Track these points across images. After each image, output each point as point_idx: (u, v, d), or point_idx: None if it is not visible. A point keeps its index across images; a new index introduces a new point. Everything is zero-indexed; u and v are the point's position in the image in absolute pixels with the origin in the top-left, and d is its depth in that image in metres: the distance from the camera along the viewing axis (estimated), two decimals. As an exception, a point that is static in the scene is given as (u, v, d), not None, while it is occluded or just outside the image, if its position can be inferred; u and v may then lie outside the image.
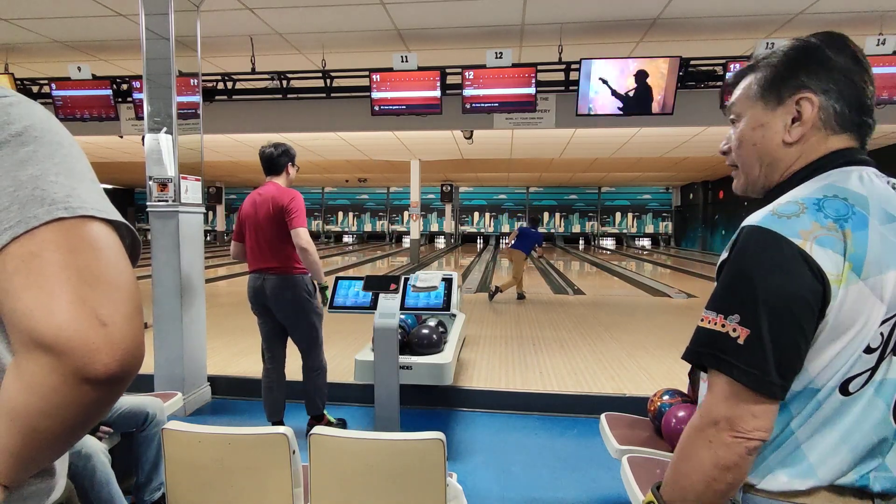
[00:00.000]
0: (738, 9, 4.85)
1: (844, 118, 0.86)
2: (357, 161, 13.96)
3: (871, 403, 0.78)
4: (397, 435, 1.56)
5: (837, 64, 0.84)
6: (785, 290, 0.74)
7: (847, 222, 0.76)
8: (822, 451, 0.79)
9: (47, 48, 5.93)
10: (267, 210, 3.03)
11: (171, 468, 1.61)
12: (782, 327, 0.75)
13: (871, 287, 0.75)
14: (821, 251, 0.74)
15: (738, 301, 0.77)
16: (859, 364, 0.77)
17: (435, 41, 5.71)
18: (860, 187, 0.80)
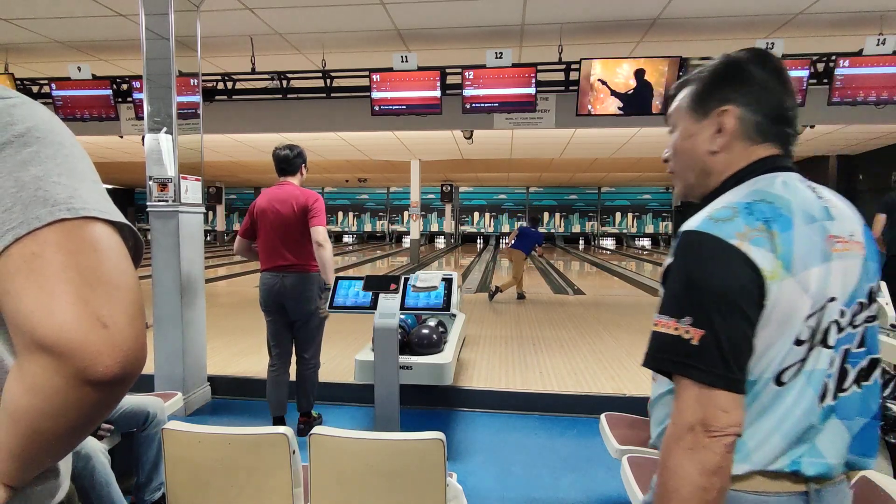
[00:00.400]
0: (737, 9, 4.85)
1: (764, 129, 0.91)
2: (357, 161, 13.96)
3: (801, 392, 0.82)
4: (397, 435, 1.56)
5: (758, 79, 0.91)
6: (730, 286, 0.78)
7: (774, 224, 0.81)
8: (759, 438, 0.82)
9: (47, 48, 5.93)
10: (291, 209, 3.12)
11: (171, 468, 1.61)
12: (732, 322, 0.78)
13: (798, 282, 0.80)
14: (755, 250, 0.79)
15: (687, 303, 0.80)
16: (791, 356, 0.81)
17: (435, 41, 5.71)
18: (784, 192, 0.86)
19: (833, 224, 0.85)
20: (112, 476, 1.98)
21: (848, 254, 0.85)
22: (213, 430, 1.61)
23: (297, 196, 3.16)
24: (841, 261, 0.84)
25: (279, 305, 3.19)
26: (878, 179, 11.09)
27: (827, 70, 5.26)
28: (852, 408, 0.87)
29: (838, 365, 0.85)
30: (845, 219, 0.88)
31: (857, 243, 0.87)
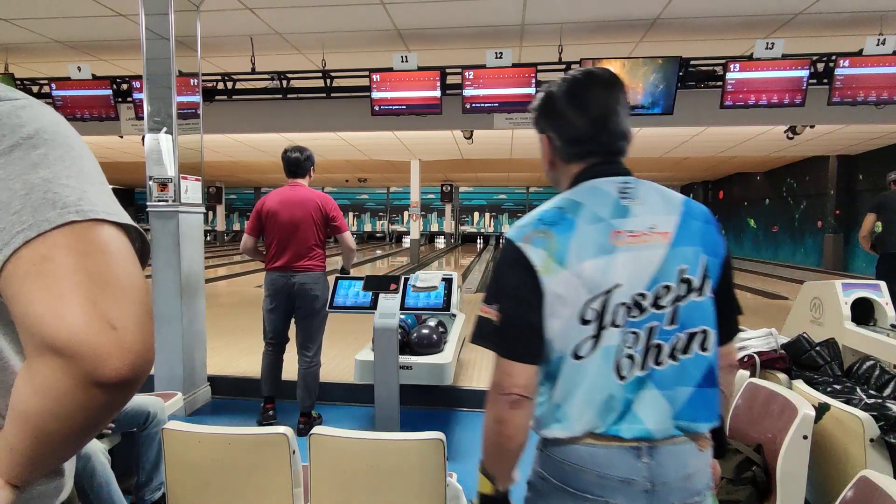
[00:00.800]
0: (738, 9, 4.85)
1: (569, 153, 1.09)
2: (357, 161, 13.96)
3: (598, 366, 0.98)
4: (397, 435, 1.56)
5: (561, 111, 1.07)
6: (514, 280, 1.00)
7: (554, 227, 0.99)
8: (576, 407, 0.98)
9: (47, 48, 5.93)
10: (307, 213, 3.25)
11: (171, 468, 1.61)
12: (517, 308, 0.99)
13: (572, 273, 0.97)
14: (533, 250, 0.98)
15: (492, 293, 1.03)
16: (581, 333, 0.97)
17: (435, 41, 5.71)
18: (582, 197, 1.03)
19: (625, 221, 0.99)
20: (112, 476, 1.98)
21: (643, 245, 0.99)
22: (213, 430, 1.61)
23: (313, 200, 3.30)
24: (630, 252, 0.98)
25: (287, 305, 3.32)
26: (878, 179, 11.09)
27: (827, 70, 5.26)
28: (670, 379, 0.99)
29: (645, 343, 0.98)
30: (647, 215, 1.01)
31: (658, 234, 1.00)
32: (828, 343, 2.64)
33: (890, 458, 1.94)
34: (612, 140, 1.07)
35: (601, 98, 1.06)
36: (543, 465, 1.05)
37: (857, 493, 1.29)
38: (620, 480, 0.97)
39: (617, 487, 0.97)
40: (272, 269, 3.29)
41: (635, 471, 0.97)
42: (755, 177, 16.53)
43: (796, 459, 1.80)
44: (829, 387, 2.34)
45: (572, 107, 1.06)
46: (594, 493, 0.98)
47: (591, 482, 0.98)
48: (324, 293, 3.30)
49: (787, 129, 7.41)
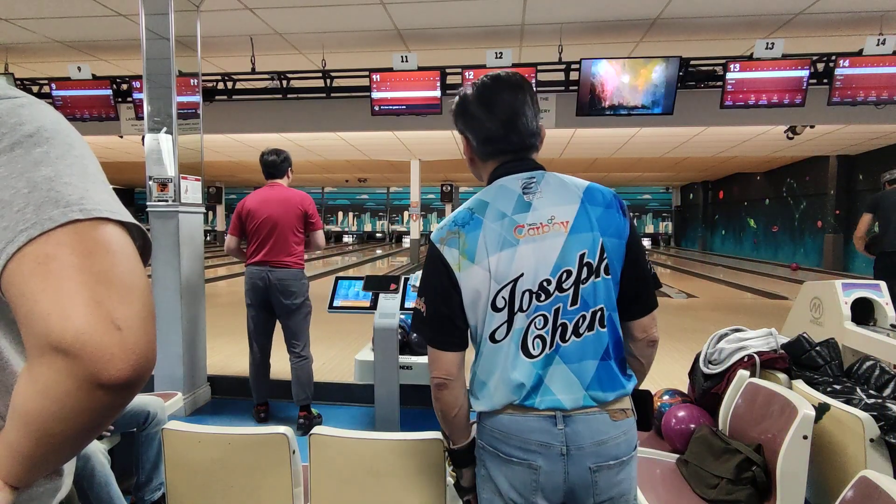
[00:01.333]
0: (738, 9, 4.85)
1: (484, 151, 1.20)
2: (357, 161, 13.96)
3: (509, 346, 1.11)
4: (397, 435, 1.56)
5: (474, 114, 1.18)
6: (434, 278, 1.14)
7: (464, 227, 1.13)
8: (493, 384, 1.12)
9: (47, 48, 5.93)
10: (287, 210, 3.34)
11: (171, 468, 1.61)
12: (440, 303, 1.14)
13: (482, 267, 1.10)
14: (447, 249, 1.13)
15: (421, 288, 1.18)
16: (495, 319, 1.11)
17: (435, 41, 5.71)
18: (489, 196, 1.15)
19: (527, 215, 1.11)
20: (112, 476, 1.98)
21: (543, 236, 1.10)
22: (213, 430, 1.61)
23: (292, 198, 3.39)
24: (531, 243, 1.10)
25: (263, 299, 3.36)
26: (878, 179, 11.08)
27: (827, 70, 5.26)
28: (576, 354, 1.11)
29: (551, 324, 1.10)
30: (547, 207, 1.11)
31: (559, 224, 1.11)
32: (828, 343, 2.64)
33: (890, 458, 1.94)
34: (521, 139, 1.17)
35: (508, 100, 1.15)
36: (480, 434, 1.18)
37: (857, 493, 1.29)
38: (539, 444, 1.09)
39: (537, 451, 1.10)
40: (250, 264, 3.38)
41: (552, 436, 1.09)
42: (755, 177, 16.53)
43: (796, 459, 1.80)
44: (829, 387, 2.34)
45: (483, 109, 1.16)
46: (519, 456, 1.11)
47: (516, 446, 1.11)
48: (301, 290, 3.37)
49: (787, 129, 7.42)
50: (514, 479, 1.12)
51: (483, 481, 1.18)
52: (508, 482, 1.12)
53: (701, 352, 2.76)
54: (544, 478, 1.10)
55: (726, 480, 1.91)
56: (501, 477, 1.13)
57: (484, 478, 1.18)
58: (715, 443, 2.09)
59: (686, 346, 4.81)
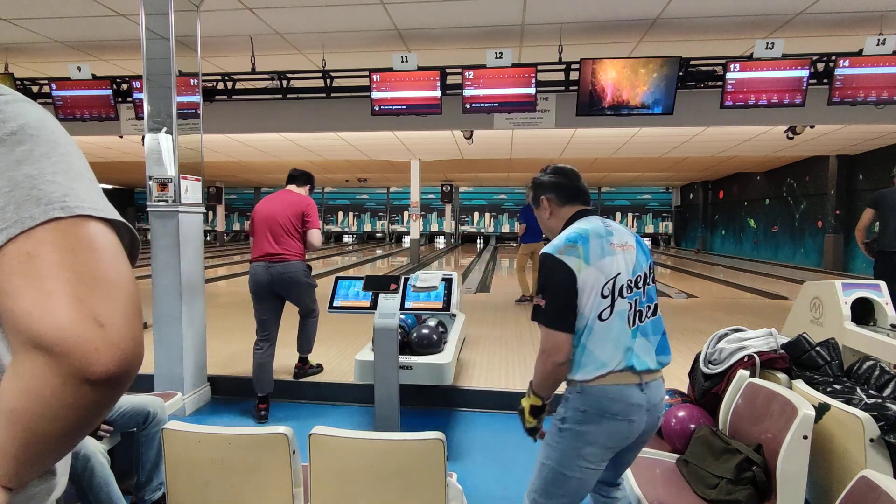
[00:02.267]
0: (738, 9, 4.85)
1: (564, 201, 1.80)
2: (357, 161, 13.96)
3: (617, 323, 1.60)
4: (397, 435, 1.56)
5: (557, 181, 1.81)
6: (556, 278, 1.59)
7: (578, 241, 1.62)
8: (605, 353, 1.57)
9: (47, 48, 5.93)
10: (285, 208, 3.61)
11: (171, 468, 1.61)
12: (563, 297, 1.58)
13: (595, 268, 1.60)
14: (567, 257, 1.59)
15: (541, 288, 1.62)
16: (602, 304, 1.59)
17: (435, 41, 5.71)
18: (586, 224, 1.69)
19: (613, 238, 1.67)
20: (111, 476, 1.98)
21: (626, 251, 1.67)
22: (213, 430, 1.61)
23: (293, 199, 3.67)
24: (622, 254, 1.65)
25: (268, 292, 3.56)
26: (878, 179, 11.09)
27: (827, 70, 5.26)
28: (648, 330, 1.66)
29: (635, 308, 1.63)
30: (620, 235, 1.70)
31: (630, 246, 1.69)
32: (828, 343, 2.64)
33: (890, 458, 1.94)
34: (587, 196, 1.82)
35: (576, 173, 1.86)
36: (584, 401, 1.57)
37: (857, 493, 1.29)
38: (636, 405, 1.57)
39: (633, 409, 1.57)
40: (253, 260, 3.61)
41: (641, 398, 1.59)
42: (755, 177, 16.53)
43: (796, 459, 1.80)
44: (829, 387, 2.33)
45: (565, 178, 1.82)
46: (622, 414, 1.56)
47: (621, 408, 1.56)
48: (302, 276, 3.62)
49: (787, 129, 7.41)
50: (614, 432, 1.57)
51: (573, 437, 1.58)
52: (607, 434, 1.57)
53: (701, 352, 2.76)
54: (635, 428, 1.58)
55: (726, 480, 1.91)
56: (603, 432, 1.57)
57: (576, 434, 1.58)
58: (715, 443, 2.09)
59: (686, 346, 4.81)
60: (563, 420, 1.60)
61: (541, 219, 1.85)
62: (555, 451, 1.61)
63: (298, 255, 3.61)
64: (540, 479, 1.64)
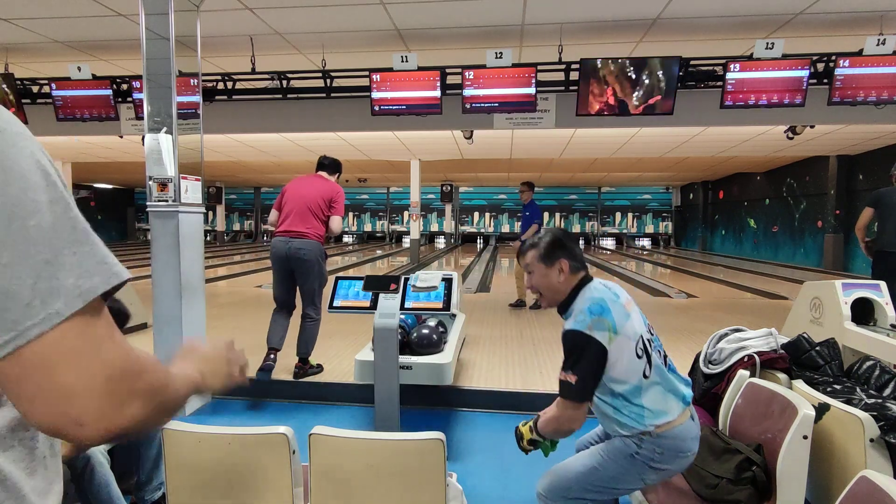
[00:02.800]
0: (737, 9, 4.85)
1: (574, 267, 1.84)
2: (357, 161, 13.95)
3: (658, 375, 1.73)
4: (397, 435, 1.56)
5: (569, 245, 1.87)
6: (590, 356, 1.67)
7: (601, 314, 1.70)
8: (664, 405, 1.71)
9: (47, 48, 5.93)
10: (314, 191, 3.90)
11: (171, 468, 1.61)
12: (593, 373, 1.68)
13: (622, 335, 1.69)
14: (597, 332, 1.67)
15: (570, 364, 1.68)
16: (640, 364, 1.70)
17: (435, 41, 5.71)
18: (596, 294, 1.77)
19: (620, 298, 1.79)
20: (111, 476, 1.97)
21: (634, 308, 1.80)
22: (213, 430, 1.61)
23: (324, 183, 3.99)
24: (634, 312, 1.78)
25: (284, 264, 3.85)
26: (878, 179, 11.08)
27: (827, 70, 5.26)
28: (672, 366, 1.81)
29: (662, 354, 1.79)
30: (622, 292, 1.83)
31: (630, 301, 1.82)
32: (828, 343, 2.64)
33: (890, 458, 1.94)
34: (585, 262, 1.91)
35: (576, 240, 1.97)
36: (660, 444, 1.69)
37: (857, 493, 1.29)
38: (694, 437, 1.76)
39: (695, 441, 1.76)
40: (276, 234, 3.90)
41: (697, 429, 1.78)
42: (755, 177, 16.53)
43: (796, 459, 1.80)
44: (829, 387, 2.33)
45: (576, 245, 1.89)
46: (692, 449, 1.74)
47: (690, 444, 1.73)
48: (317, 259, 3.83)
49: (787, 129, 7.41)
50: (684, 464, 1.76)
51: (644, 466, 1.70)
52: (678, 467, 1.75)
53: (701, 352, 2.76)
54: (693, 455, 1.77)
55: (726, 480, 1.91)
56: (675, 466, 1.74)
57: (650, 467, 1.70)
58: (715, 443, 2.09)
59: (686, 346, 4.81)
60: (638, 454, 1.69)
61: (549, 278, 1.84)
62: (617, 467, 1.72)
63: (317, 237, 3.85)
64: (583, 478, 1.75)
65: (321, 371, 4.07)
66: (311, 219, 3.84)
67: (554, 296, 1.86)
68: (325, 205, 3.88)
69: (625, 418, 1.70)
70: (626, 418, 1.69)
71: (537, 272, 1.88)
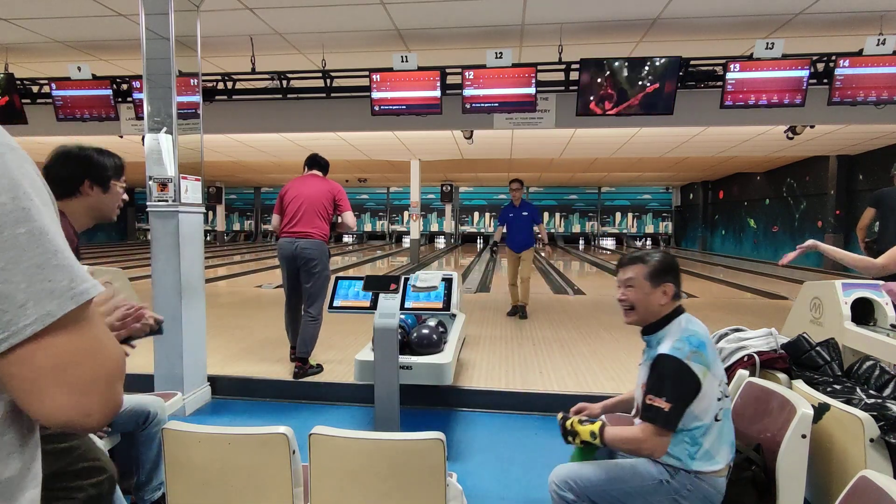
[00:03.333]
0: (737, 9, 4.85)
1: (677, 294, 1.85)
2: (357, 161, 13.95)
3: (726, 422, 1.75)
4: (397, 435, 1.56)
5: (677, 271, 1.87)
6: (681, 384, 1.68)
7: (699, 347, 1.71)
8: (721, 451, 1.73)
9: (47, 48, 5.93)
10: (317, 191, 4.00)
11: (171, 468, 1.61)
12: (684, 402, 1.68)
13: (712, 374, 1.71)
14: (693, 364, 1.68)
15: (664, 390, 1.68)
16: (717, 406, 1.72)
17: (435, 41, 5.71)
18: (697, 328, 1.79)
19: (712, 337, 1.82)
20: None
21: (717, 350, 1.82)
22: (213, 430, 1.61)
23: (323, 182, 4.09)
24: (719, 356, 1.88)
25: (291, 264, 3.97)
26: (878, 179, 11.09)
27: (827, 70, 5.26)
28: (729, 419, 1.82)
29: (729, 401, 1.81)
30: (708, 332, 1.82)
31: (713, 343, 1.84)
32: (828, 343, 2.64)
33: (890, 458, 1.94)
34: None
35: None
36: (694, 484, 1.70)
37: (856, 493, 1.29)
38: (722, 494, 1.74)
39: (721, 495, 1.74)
40: (281, 235, 4.02)
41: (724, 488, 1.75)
42: (755, 177, 16.53)
43: (795, 459, 1.80)
44: (829, 387, 2.34)
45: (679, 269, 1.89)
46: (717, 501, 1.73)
47: (718, 497, 1.73)
48: (321, 258, 3.94)
49: (787, 129, 7.41)
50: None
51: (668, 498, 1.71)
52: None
53: (701, 352, 2.75)
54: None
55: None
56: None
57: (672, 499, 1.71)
58: (715, 443, 2.09)
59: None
60: (668, 482, 1.70)
61: (650, 297, 1.81)
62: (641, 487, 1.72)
63: (322, 236, 3.97)
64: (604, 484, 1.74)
65: (321, 371, 4.07)
66: (315, 219, 3.95)
67: (646, 316, 1.84)
68: (328, 204, 3.99)
69: (675, 450, 1.70)
70: (677, 450, 1.69)
71: (639, 289, 1.83)
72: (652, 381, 1.71)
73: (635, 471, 1.74)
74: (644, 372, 1.85)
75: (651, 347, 1.86)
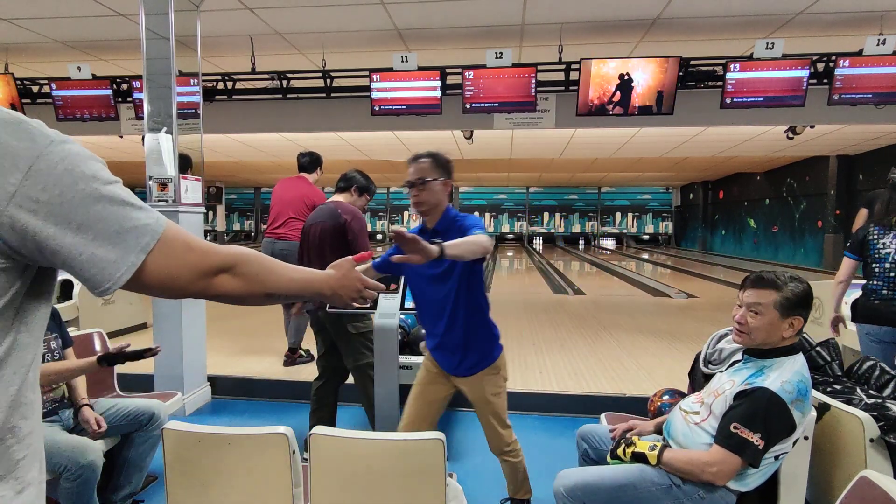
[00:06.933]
0: (737, 9, 4.85)
1: (801, 331, 1.76)
2: (357, 161, 13.94)
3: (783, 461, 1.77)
4: (397, 435, 1.56)
5: (810, 305, 1.76)
6: (780, 426, 1.62)
7: (802, 395, 1.65)
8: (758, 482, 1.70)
9: (47, 48, 5.92)
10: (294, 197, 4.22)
11: (171, 468, 1.61)
12: (772, 443, 1.62)
13: (801, 424, 1.67)
14: (794, 411, 1.62)
15: (761, 427, 1.60)
16: (786, 448, 1.69)
17: (435, 41, 5.71)
18: (808, 372, 1.72)
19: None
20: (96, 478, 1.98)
21: None
22: (213, 430, 1.61)
23: (305, 185, 4.29)
24: None
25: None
26: (878, 179, 11.09)
27: (827, 70, 5.26)
28: None
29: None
30: None
31: None
32: (828, 343, 2.64)
33: (890, 458, 1.94)
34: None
35: None
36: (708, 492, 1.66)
37: (857, 493, 1.29)
38: None
39: None
40: (265, 235, 4.28)
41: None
42: (755, 177, 16.52)
43: (796, 459, 1.80)
44: (829, 387, 2.33)
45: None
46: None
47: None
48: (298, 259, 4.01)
49: (787, 129, 7.41)
50: None
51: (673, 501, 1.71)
52: None
53: (701, 352, 2.76)
54: None
55: (726, 480, 1.90)
56: None
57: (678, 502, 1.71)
58: (715, 443, 2.08)
59: (686, 346, 4.81)
60: (679, 486, 1.68)
61: (775, 328, 1.70)
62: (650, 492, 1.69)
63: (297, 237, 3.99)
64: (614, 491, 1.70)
65: (312, 360, 4.09)
66: (292, 221, 4.18)
67: (763, 343, 1.74)
68: (304, 207, 4.13)
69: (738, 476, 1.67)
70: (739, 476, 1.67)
71: (767, 316, 1.71)
72: (743, 410, 1.63)
73: (644, 475, 1.71)
74: (726, 385, 1.76)
75: (749, 369, 1.76)
